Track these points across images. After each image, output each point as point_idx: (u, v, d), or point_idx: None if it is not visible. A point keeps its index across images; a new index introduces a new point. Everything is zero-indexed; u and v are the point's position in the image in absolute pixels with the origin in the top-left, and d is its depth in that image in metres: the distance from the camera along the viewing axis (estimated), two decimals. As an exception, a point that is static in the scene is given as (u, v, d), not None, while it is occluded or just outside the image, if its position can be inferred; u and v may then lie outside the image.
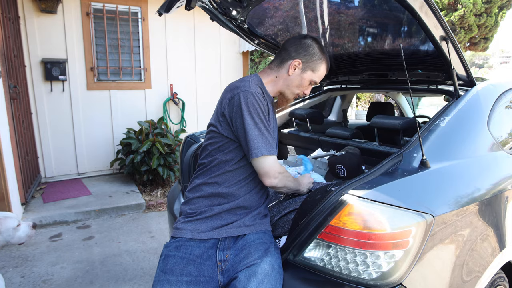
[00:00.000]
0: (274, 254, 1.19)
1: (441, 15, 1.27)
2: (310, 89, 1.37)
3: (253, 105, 1.15)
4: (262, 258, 1.15)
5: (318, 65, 1.33)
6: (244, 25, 1.83)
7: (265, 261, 1.14)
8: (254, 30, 1.92)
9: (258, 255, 1.16)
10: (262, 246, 1.19)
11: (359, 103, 9.72)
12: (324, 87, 2.65)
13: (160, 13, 1.54)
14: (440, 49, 1.41)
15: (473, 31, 8.01)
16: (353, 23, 1.83)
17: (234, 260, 1.17)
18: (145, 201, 3.89)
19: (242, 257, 1.16)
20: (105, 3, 4.35)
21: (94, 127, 4.54)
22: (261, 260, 1.14)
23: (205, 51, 5.11)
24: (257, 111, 1.16)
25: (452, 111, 1.41)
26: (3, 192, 2.84)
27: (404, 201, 1.07)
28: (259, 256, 1.15)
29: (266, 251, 1.18)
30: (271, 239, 1.26)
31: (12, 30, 3.57)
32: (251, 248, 1.18)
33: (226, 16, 1.70)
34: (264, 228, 1.27)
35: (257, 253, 1.16)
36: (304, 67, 1.32)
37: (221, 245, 1.19)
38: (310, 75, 1.33)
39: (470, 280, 1.25)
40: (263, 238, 1.23)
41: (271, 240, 1.25)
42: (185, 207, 1.28)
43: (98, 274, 2.54)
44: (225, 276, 1.15)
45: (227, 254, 1.18)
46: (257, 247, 1.18)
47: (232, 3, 1.51)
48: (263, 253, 1.16)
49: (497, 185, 1.39)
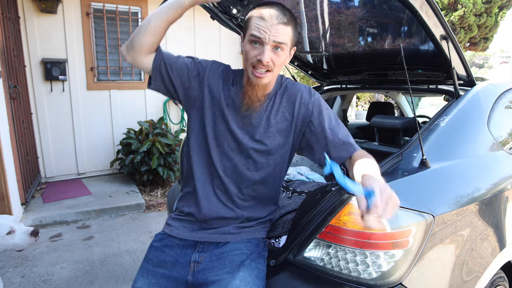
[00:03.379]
0: (250, 266, 1.12)
1: (442, 14, 1.27)
2: (264, 51, 1.04)
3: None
4: (234, 273, 1.10)
5: (249, 22, 1.08)
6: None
7: (237, 277, 1.08)
8: None
9: (231, 268, 1.11)
10: (238, 258, 1.14)
11: (359, 103, 9.72)
12: (324, 87, 2.65)
13: None
14: (440, 48, 1.41)
15: (473, 31, 8.01)
16: (353, 23, 1.83)
17: (207, 265, 1.14)
18: (145, 201, 3.89)
19: (215, 266, 1.13)
20: (105, 3, 4.35)
21: (94, 127, 4.54)
22: (232, 276, 1.09)
23: (205, 51, 5.11)
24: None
25: (452, 111, 1.41)
26: (3, 192, 2.84)
27: (404, 200, 1.07)
28: (231, 270, 1.10)
29: (241, 264, 1.12)
30: (253, 248, 1.19)
31: (12, 30, 3.57)
32: (226, 259, 1.14)
33: (226, 15, 1.70)
34: (251, 236, 1.21)
35: (231, 266, 1.12)
36: (244, 35, 1.13)
37: (200, 248, 1.18)
38: (247, 34, 1.09)
39: (470, 280, 1.25)
40: (243, 248, 1.17)
41: (253, 250, 1.18)
42: (179, 204, 1.28)
43: (98, 274, 2.54)
44: (194, 277, 1.13)
45: (202, 257, 1.16)
46: (232, 259, 1.13)
47: (232, 1, 1.51)
48: (237, 266, 1.11)
49: (497, 185, 1.39)
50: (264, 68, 1.07)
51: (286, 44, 1.08)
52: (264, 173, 1.19)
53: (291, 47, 1.13)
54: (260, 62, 1.05)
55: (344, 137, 1.17)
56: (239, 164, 1.17)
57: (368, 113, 3.23)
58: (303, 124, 1.19)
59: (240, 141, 1.16)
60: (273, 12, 1.05)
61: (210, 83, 1.18)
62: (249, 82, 1.12)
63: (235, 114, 1.17)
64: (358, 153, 1.14)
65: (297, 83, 1.23)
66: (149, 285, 1.14)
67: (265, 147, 1.17)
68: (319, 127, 1.17)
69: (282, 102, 1.19)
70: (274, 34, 1.04)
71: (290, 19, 1.08)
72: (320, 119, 1.17)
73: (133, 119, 4.69)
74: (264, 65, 1.06)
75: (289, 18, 1.07)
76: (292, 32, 1.09)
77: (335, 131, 1.17)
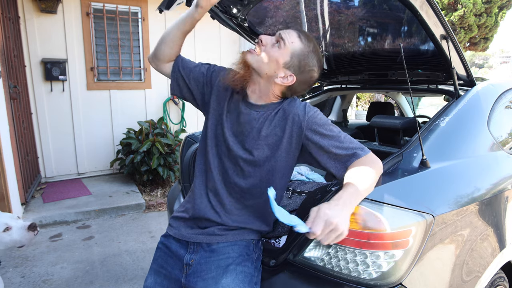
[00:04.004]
0: (234, 271, 1.11)
1: (442, 14, 1.27)
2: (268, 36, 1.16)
3: None
4: (217, 279, 1.10)
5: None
6: (245, 23, 1.82)
7: (221, 284, 1.08)
8: (254, 29, 1.92)
9: (216, 273, 1.11)
10: (224, 262, 1.13)
11: (359, 103, 9.73)
12: (324, 87, 2.65)
13: (161, 10, 1.54)
14: (440, 48, 1.41)
15: (473, 31, 8.01)
16: (353, 23, 1.83)
17: (196, 268, 1.15)
18: (145, 201, 3.89)
19: (202, 270, 1.14)
20: (105, 3, 4.35)
21: (94, 127, 4.54)
22: (215, 283, 1.09)
23: (206, 50, 5.10)
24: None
25: (452, 111, 1.41)
26: (3, 192, 2.84)
27: (404, 200, 1.07)
28: (216, 276, 1.11)
29: (226, 270, 1.11)
30: (241, 250, 1.17)
31: (12, 30, 3.57)
32: (213, 264, 1.14)
33: (226, 14, 1.70)
34: (238, 238, 1.19)
35: (216, 271, 1.12)
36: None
37: (190, 249, 1.19)
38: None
39: (470, 280, 1.25)
40: (230, 252, 1.16)
41: (240, 252, 1.16)
42: (185, 198, 1.32)
43: (98, 274, 2.54)
44: (187, 280, 1.15)
45: (192, 259, 1.17)
46: (218, 264, 1.13)
47: (232, 1, 1.51)
48: (222, 272, 1.11)
49: (497, 185, 1.39)
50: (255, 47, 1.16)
51: (286, 45, 1.11)
52: (251, 183, 1.18)
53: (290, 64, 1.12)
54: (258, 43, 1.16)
55: (342, 149, 1.10)
56: (229, 169, 1.19)
57: (368, 113, 3.22)
58: (298, 142, 1.16)
59: (231, 148, 1.18)
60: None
61: (218, 89, 1.24)
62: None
63: (232, 121, 1.20)
64: (356, 161, 1.09)
65: (295, 100, 1.21)
66: (155, 284, 1.19)
67: (252, 158, 1.16)
68: (316, 144, 1.13)
69: (276, 118, 1.17)
70: (284, 32, 1.13)
71: (307, 40, 1.14)
72: (316, 137, 1.13)
73: (133, 119, 4.69)
74: (256, 42, 1.16)
75: (306, 39, 1.14)
76: (299, 49, 1.12)
77: (331, 146, 1.11)
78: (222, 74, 1.25)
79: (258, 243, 1.25)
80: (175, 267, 1.19)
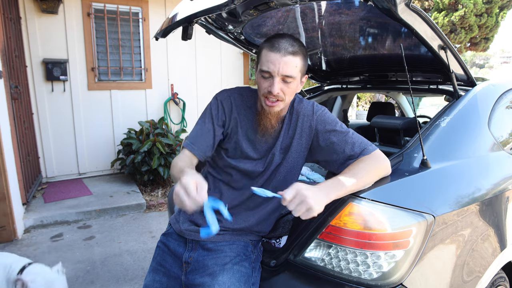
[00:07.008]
0: (231, 270, 1.13)
1: (438, 27, 1.26)
2: (274, 83, 1.09)
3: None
4: (214, 276, 1.11)
5: (260, 54, 1.14)
6: (241, 36, 1.83)
7: (215, 281, 1.10)
8: (252, 40, 1.90)
9: (213, 270, 1.13)
10: (221, 260, 1.15)
11: (360, 103, 9.72)
12: (325, 87, 2.65)
13: (157, 38, 1.61)
14: (439, 57, 1.41)
15: (474, 31, 8.00)
16: (351, 34, 1.82)
17: (194, 265, 1.17)
18: (145, 201, 3.90)
19: (200, 267, 1.15)
20: (106, 4, 4.35)
21: (95, 127, 4.55)
22: (212, 279, 1.10)
23: (206, 51, 5.10)
24: (204, 112, 1.26)
25: (452, 111, 1.41)
26: (4, 192, 2.84)
27: (404, 201, 1.08)
28: (212, 273, 1.12)
29: (223, 268, 1.13)
30: (239, 250, 1.19)
31: (14, 31, 3.57)
32: (210, 261, 1.15)
33: (222, 30, 1.71)
34: (236, 238, 1.21)
35: (213, 269, 1.13)
36: (256, 67, 1.20)
37: (189, 246, 1.21)
38: (258, 68, 1.15)
39: (471, 280, 1.25)
40: (227, 251, 1.18)
41: (238, 252, 1.19)
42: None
43: (99, 274, 2.55)
44: (186, 277, 1.17)
45: (191, 257, 1.18)
46: (216, 262, 1.15)
47: (227, 19, 1.52)
48: (219, 270, 1.12)
49: (498, 185, 1.39)
50: (274, 98, 1.12)
51: (295, 77, 1.11)
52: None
53: (302, 76, 1.16)
54: (271, 93, 1.11)
55: (351, 146, 1.13)
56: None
57: (369, 113, 3.23)
58: (308, 141, 1.21)
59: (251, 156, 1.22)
60: (281, 44, 1.09)
61: (232, 117, 1.26)
62: (263, 110, 1.19)
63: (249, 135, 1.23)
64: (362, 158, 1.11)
65: (303, 101, 1.25)
66: (154, 282, 1.20)
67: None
68: (325, 141, 1.17)
69: (291, 122, 1.23)
70: (282, 67, 1.08)
71: (299, 49, 1.11)
72: (325, 135, 1.17)
73: (134, 119, 4.69)
74: (275, 95, 1.11)
75: (298, 48, 1.11)
76: (301, 62, 1.12)
77: (340, 142, 1.14)
78: (228, 110, 1.25)
79: (257, 244, 1.26)
80: (174, 265, 1.20)
